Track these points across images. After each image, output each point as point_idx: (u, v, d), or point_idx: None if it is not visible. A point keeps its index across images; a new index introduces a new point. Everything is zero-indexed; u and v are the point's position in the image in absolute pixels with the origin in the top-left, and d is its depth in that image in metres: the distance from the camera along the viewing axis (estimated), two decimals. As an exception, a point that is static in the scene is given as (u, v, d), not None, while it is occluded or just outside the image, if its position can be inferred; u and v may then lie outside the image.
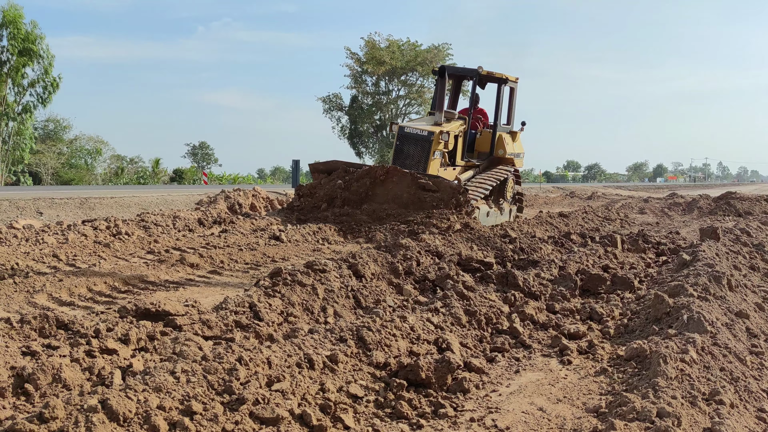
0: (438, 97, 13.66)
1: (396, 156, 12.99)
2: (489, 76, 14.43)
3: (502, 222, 13.26)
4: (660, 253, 9.05)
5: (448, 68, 14.22)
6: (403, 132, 12.99)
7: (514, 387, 3.77)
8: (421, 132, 12.72)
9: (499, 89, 14.60)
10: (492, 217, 13.33)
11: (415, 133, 12.80)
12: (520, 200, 15.80)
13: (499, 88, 14.61)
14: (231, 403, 2.89)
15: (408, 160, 12.72)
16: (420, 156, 12.68)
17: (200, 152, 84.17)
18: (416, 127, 12.91)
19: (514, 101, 15.26)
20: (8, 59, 33.72)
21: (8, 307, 5.27)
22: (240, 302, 4.79)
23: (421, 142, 12.68)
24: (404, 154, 12.90)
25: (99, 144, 52.46)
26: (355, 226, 11.01)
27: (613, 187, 47.09)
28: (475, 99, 14.95)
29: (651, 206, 20.84)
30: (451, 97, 16.15)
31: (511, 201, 15.16)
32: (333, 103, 51.80)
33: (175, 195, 15.86)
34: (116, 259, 7.54)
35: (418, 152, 12.70)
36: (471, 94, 15.27)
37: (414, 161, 12.71)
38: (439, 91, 13.75)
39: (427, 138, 12.60)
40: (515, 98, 15.25)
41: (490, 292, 5.65)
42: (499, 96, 14.52)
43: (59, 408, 2.49)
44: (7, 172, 36.50)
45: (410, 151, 12.83)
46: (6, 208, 11.52)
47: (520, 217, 15.16)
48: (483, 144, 14.59)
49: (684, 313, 4.58)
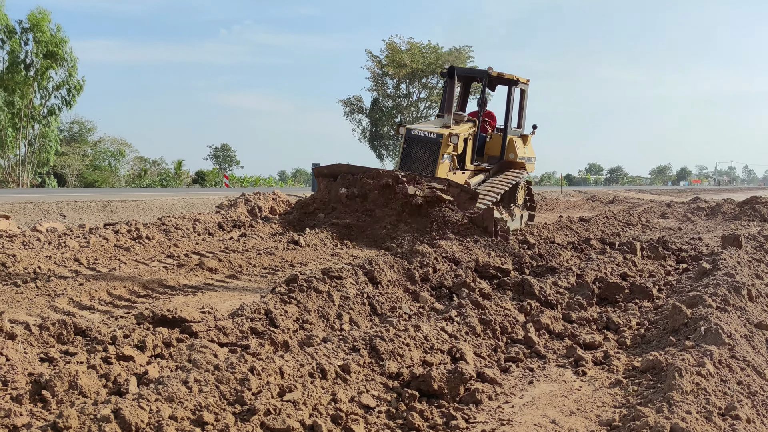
0: (447, 99, 13.23)
1: (403, 159, 12.65)
2: (499, 77, 14.07)
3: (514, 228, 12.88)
4: (681, 260, 8.96)
5: (457, 69, 13.76)
6: (411, 134, 12.62)
7: (527, 398, 3.75)
8: (430, 134, 12.35)
9: (509, 91, 14.21)
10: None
11: (423, 135, 12.42)
12: (532, 206, 15.35)
13: (509, 90, 14.22)
14: (242, 414, 2.91)
15: (416, 164, 12.40)
16: (428, 159, 12.32)
17: (222, 154, 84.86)
18: (424, 130, 12.54)
19: (525, 103, 14.92)
20: (33, 62, 34.27)
21: (30, 310, 5.36)
22: (256, 309, 4.82)
23: (430, 144, 12.32)
24: (412, 157, 12.55)
25: (122, 146, 53.10)
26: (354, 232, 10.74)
27: (636, 191, 46.62)
28: (484, 101, 14.58)
29: (674, 211, 20.62)
30: (460, 99, 15.77)
31: (522, 206, 14.76)
32: (354, 105, 51.95)
33: (196, 198, 16.00)
34: (136, 263, 7.63)
35: (426, 155, 12.35)
36: (480, 95, 14.83)
37: (422, 164, 12.36)
38: (448, 92, 13.35)
39: (435, 141, 12.24)
40: (526, 100, 14.90)
41: (506, 300, 5.63)
42: (509, 98, 14.13)
43: (73, 418, 2.53)
44: (33, 173, 37.07)
45: (418, 154, 12.46)
46: (30, 211, 11.70)
47: (531, 223, 14.77)
48: (493, 147, 14.26)
49: (702, 324, 4.53)
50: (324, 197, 12.33)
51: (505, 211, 13.42)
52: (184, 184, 48.50)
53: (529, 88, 14.69)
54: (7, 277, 6.45)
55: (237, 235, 10.53)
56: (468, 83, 15.82)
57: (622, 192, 41.91)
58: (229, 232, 10.94)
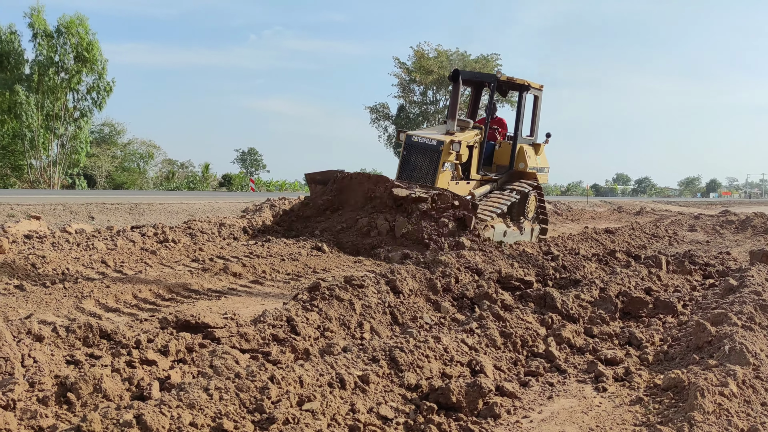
0: (451, 104, 12.39)
1: (402, 168, 11.96)
2: (509, 82, 13.33)
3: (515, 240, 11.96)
4: (707, 275, 8.83)
5: (463, 73, 13.14)
6: (411, 141, 11.92)
7: (546, 413, 3.74)
8: (430, 141, 11.66)
9: (520, 97, 13.47)
10: (510, 236, 12.20)
11: (424, 142, 11.73)
12: (544, 219, 14.43)
13: (520, 96, 13.47)
14: (261, 422, 2.95)
15: (415, 172, 11.69)
16: (428, 168, 11.64)
17: (249, 158, 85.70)
18: (425, 136, 11.84)
19: (539, 110, 14.13)
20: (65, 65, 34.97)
21: (57, 311, 5.47)
22: (278, 316, 4.87)
23: (430, 152, 11.64)
24: (411, 165, 11.84)
25: (151, 148, 53.94)
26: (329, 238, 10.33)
27: (663, 202, 46.05)
28: (492, 107, 13.71)
29: (702, 223, 20.33)
30: (470, 106, 15.23)
31: (533, 219, 13.95)
32: (380, 112, 52.11)
33: (222, 202, 16.18)
34: (162, 266, 7.74)
35: (427, 163, 11.67)
36: (489, 101, 14.06)
37: (422, 173, 11.66)
38: (453, 97, 12.47)
39: (436, 148, 11.58)
40: (539, 107, 14.11)
41: (528, 313, 5.61)
42: (520, 104, 13.38)
43: (96, 422, 2.58)
44: (64, 174, 37.76)
45: (418, 162, 11.78)
46: (60, 212, 11.94)
47: (544, 236, 13.86)
48: (502, 156, 13.52)
49: (726, 342, 4.47)
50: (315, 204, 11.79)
51: (513, 224, 12.89)
52: (210, 187, 49.03)
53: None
54: (37, 278, 6.59)
55: (261, 240, 10.63)
56: (478, 89, 15.18)
57: (649, 203, 41.44)
58: (253, 236, 11.05)
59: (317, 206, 11.61)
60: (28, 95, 33.80)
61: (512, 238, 12.11)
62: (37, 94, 34.46)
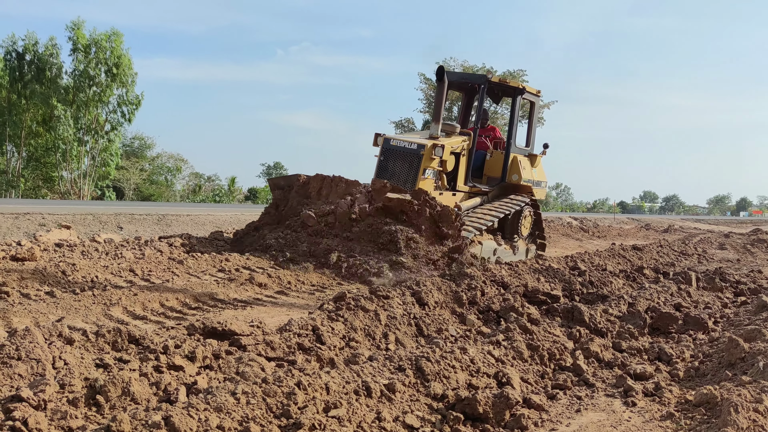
0: (436, 106, 10.98)
1: (378, 174, 10.71)
2: (501, 84, 12.16)
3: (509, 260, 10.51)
4: (739, 293, 8.68)
5: (450, 74, 11.80)
6: (389, 145, 10.72)
7: (574, 427, 3.68)
8: (410, 145, 10.49)
9: (513, 102, 12.20)
10: (502, 255, 11.06)
11: (403, 146, 10.56)
12: (542, 237, 13.03)
13: (513, 101, 12.20)
14: (288, 427, 2.95)
15: (393, 179, 10.37)
16: (407, 174, 10.42)
17: (274, 172, 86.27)
18: (404, 140, 10.68)
19: (535, 118, 13.11)
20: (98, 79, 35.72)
21: (86, 318, 5.54)
22: (303, 325, 4.88)
23: (410, 157, 10.44)
24: (389, 172, 10.59)
25: (179, 162, 54.61)
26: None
27: (692, 220, 45.40)
28: (483, 113, 12.43)
29: (732, 242, 20.00)
30: (461, 112, 13.93)
31: (528, 238, 12.60)
32: (405, 127, 52.20)
33: (248, 214, 16.26)
34: (188, 276, 7.81)
35: (406, 170, 10.46)
36: (478, 105, 12.63)
37: (400, 180, 10.36)
38: (437, 98, 11.05)
39: (416, 152, 10.37)
40: (536, 114, 13.09)
41: (555, 326, 5.55)
42: (513, 110, 12.17)
43: (125, 422, 2.60)
44: (94, 186, 38.40)
45: (395, 169, 10.57)
46: (90, 222, 12.11)
47: (541, 256, 12.23)
48: (493, 167, 12.19)
49: (760, 359, 4.38)
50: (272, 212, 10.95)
51: (506, 242, 11.68)
52: (236, 200, 49.48)
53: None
54: (67, 285, 6.69)
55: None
56: (471, 94, 13.70)
57: (677, 221, 40.90)
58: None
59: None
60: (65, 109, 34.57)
61: (504, 258, 11.05)
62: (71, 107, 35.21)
